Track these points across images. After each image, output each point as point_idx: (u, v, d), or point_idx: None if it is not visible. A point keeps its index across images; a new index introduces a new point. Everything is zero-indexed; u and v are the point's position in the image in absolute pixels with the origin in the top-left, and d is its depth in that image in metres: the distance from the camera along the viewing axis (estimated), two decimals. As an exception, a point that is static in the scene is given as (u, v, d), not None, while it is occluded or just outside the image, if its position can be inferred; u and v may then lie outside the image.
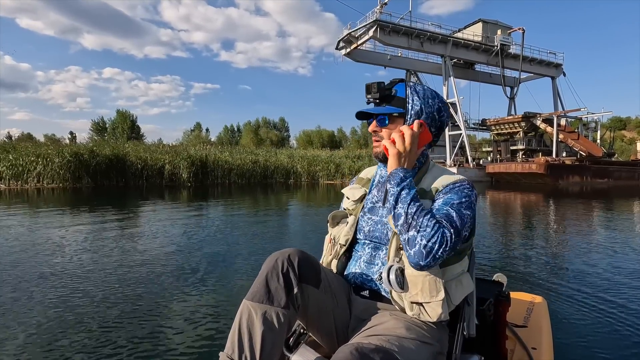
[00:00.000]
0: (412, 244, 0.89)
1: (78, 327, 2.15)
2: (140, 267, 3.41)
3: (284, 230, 5.94)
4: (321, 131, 55.20)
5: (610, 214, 8.26)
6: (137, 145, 19.46)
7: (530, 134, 29.55)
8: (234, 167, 19.07)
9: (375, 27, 24.32)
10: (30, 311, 2.37)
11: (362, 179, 1.24)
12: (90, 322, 2.22)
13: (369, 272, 1.07)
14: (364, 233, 1.11)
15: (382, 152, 1.07)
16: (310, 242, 4.85)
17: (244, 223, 6.40)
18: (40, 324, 2.18)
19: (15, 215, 6.83)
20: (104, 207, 8.35)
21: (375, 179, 1.19)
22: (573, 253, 4.28)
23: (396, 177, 0.98)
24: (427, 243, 0.87)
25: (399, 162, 1.00)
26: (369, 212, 1.12)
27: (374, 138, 1.10)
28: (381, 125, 1.08)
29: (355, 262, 1.12)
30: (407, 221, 0.91)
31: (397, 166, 1.00)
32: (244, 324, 0.89)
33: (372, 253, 1.08)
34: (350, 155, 25.19)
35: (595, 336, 2.11)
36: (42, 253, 3.87)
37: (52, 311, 2.37)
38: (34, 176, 14.18)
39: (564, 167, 23.05)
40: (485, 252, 4.19)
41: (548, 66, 31.99)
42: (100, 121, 47.13)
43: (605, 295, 2.79)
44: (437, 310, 0.95)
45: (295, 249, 0.99)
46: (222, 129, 61.32)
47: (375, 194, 1.14)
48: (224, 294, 2.75)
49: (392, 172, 0.99)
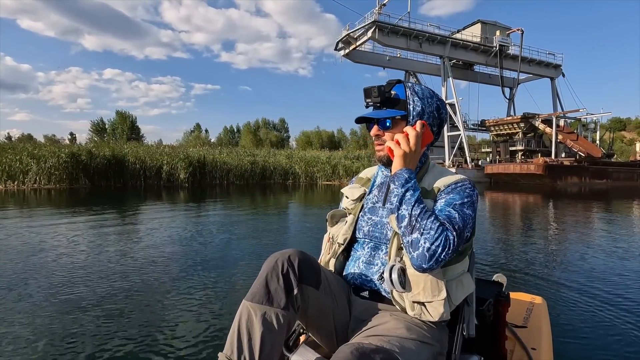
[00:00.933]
0: (416, 247, 0.89)
1: (78, 326, 2.15)
2: (138, 268, 3.41)
3: (283, 230, 5.92)
4: (320, 132, 55.22)
5: (609, 215, 8.26)
6: (135, 147, 19.43)
7: (529, 135, 29.59)
8: (232, 167, 19.07)
9: (373, 28, 24.35)
10: (30, 310, 2.38)
11: (362, 179, 1.24)
12: (89, 322, 2.22)
13: (369, 272, 1.07)
14: (364, 233, 1.11)
15: (386, 155, 1.07)
16: (309, 242, 4.83)
17: (242, 223, 6.39)
18: (40, 323, 2.20)
19: (9, 217, 6.79)
20: (100, 208, 8.32)
21: (376, 179, 1.19)
22: (573, 254, 4.27)
23: (401, 178, 0.97)
24: (430, 246, 0.87)
25: (404, 162, 1.00)
26: (369, 212, 1.12)
27: (376, 142, 1.10)
28: (383, 128, 1.07)
29: (354, 262, 1.11)
30: (411, 223, 0.91)
31: (402, 167, 0.99)
32: (243, 325, 0.89)
33: (372, 253, 1.08)
34: (349, 156, 25.25)
35: (595, 336, 2.11)
36: (34, 255, 3.84)
37: (51, 311, 2.36)
38: (29, 177, 14.16)
39: (563, 168, 23.08)
40: (485, 253, 4.19)
41: (547, 67, 32.03)
42: (100, 122, 47.12)
43: (605, 295, 2.79)
44: (439, 310, 0.95)
45: (296, 250, 0.99)
46: (222, 129, 61.35)
47: (376, 194, 1.14)
48: (224, 295, 2.75)
49: (396, 172, 0.99)
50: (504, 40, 28.84)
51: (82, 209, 8.13)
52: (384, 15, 24.76)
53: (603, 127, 35.09)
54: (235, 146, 34.50)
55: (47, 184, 14.34)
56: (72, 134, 50.87)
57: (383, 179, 1.16)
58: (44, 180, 14.36)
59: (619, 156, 40.98)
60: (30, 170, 14.20)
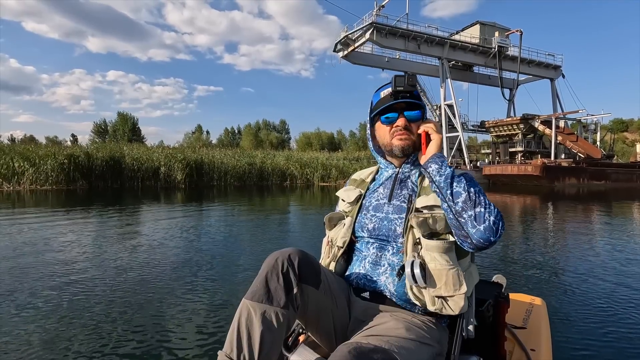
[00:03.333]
0: (481, 220, 0.91)
1: (76, 327, 2.16)
2: (137, 268, 3.42)
3: (281, 229, 5.94)
4: (320, 133, 55.25)
5: (606, 216, 8.25)
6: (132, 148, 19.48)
7: (529, 136, 29.49)
8: (229, 169, 19.13)
9: (371, 29, 24.36)
10: (30, 309, 2.40)
11: (356, 180, 1.25)
12: (88, 322, 2.23)
13: (374, 273, 1.06)
14: (368, 230, 1.10)
15: (411, 145, 1.10)
16: (309, 242, 4.84)
17: (239, 223, 6.41)
18: (38, 323, 2.21)
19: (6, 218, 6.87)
20: (96, 209, 8.38)
21: (380, 177, 1.20)
22: (572, 254, 4.28)
23: (444, 159, 1.01)
24: (494, 219, 0.90)
25: (440, 147, 1.04)
26: (373, 210, 1.12)
27: (399, 133, 1.10)
28: (417, 119, 1.11)
29: (359, 263, 1.11)
30: (471, 198, 0.93)
31: (437, 151, 1.03)
32: (243, 324, 0.89)
33: (378, 254, 1.07)
34: (348, 157, 25.23)
35: (594, 338, 2.12)
36: (28, 255, 3.86)
37: (49, 310, 2.39)
38: (25, 179, 14.26)
39: (560, 169, 22.98)
40: (484, 254, 4.18)
41: (547, 68, 31.91)
42: (102, 123, 47.42)
43: (605, 296, 2.79)
44: (460, 304, 0.95)
45: (296, 249, 0.99)
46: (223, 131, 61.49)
47: (382, 192, 1.15)
48: (223, 293, 2.75)
49: (437, 154, 1.02)
50: (503, 41, 28.77)
51: (78, 210, 8.20)
52: (382, 17, 24.80)
53: (604, 128, 34.90)
54: (236, 147, 34.49)
55: (44, 185, 14.46)
56: (73, 136, 51.28)
57: (392, 173, 1.16)
58: (41, 181, 14.47)
59: (620, 157, 40.73)
60: (26, 172, 14.31)
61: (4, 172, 14.11)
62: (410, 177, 1.13)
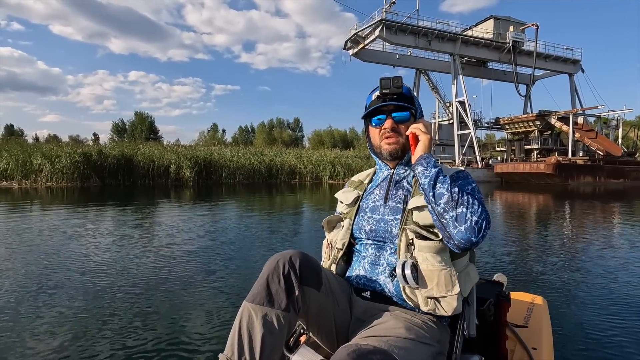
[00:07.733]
0: (462, 220, 0.90)
1: (76, 327, 2.17)
2: (137, 268, 3.42)
3: (285, 229, 5.90)
4: (332, 131, 55.23)
5: (613, 215, 8.02)
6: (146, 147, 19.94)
7: (545, 133, 28.66)
8: (238, 166, 19.42)
9: (381, 26, 24.18)
10: (30, 309, 2.44)
11: (354, 182, 1.26)
12: (88, 322, 2.25)
13: (373, 273, 1.07)
14: (366, 232, 1.11)
15: (399, 149, 1.10)
16: (310, 242, 4.82)
17: (245, 222, 6.40)
18: (40, 322, 2.25)
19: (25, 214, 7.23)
20: (108, 205, 8.66)
21: (377, 179, 1.20)
22: (573, 253, 4.24)
23: (430, 160, 1.00)
24: (477, 219, 0.89)
25: (429, 148, 1.03)
26: (370, 212, 1.13)
27: (387, 136, 1.10)
28: (406, 120, 1.10)
29: (359, 263, 1.11)
30: (454, 199, 0.92)
31: (426, 152, 1.02)
32: (244, 326, 0.88)
33: (376, 254, 1.08)
34: (360, 155, 25.15)
35: (596, 336, 2.11)
36: (45, 252, 3.97)
37: (46, 310, 2.43)
38: (42, 176, 14.91)
39: (575, 167, 22.27)
40: (486, 252, 4.14)
41: (565, 62, 30.89)
42: (120, 122, 48.84)
43: (606, 295, 2.78)
44: (452, 304, 0.95)
45: (297, 251, 0.98)
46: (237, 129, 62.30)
47: (378, 193, 1.15)
48: (224, 295, 2.73)
49: (423, 155, 1.01)
50: (518, 35, 28.02)
51: (91, 206, 8.48)
52: (392, 14, 24.57)
53: (627, 124, 33.48)
54: (249, 145, 34.90)
55: (59, 182, 15.10)
56: (95, 135, 52.87)
57: (387, 175, 1.17)
58: (57, 178, 15.12)
59: (645, 155, 38.99)
60: (44, 169, 14.97)
61: (25, 169, 14.80)
62: (406, 178, 1.14)
